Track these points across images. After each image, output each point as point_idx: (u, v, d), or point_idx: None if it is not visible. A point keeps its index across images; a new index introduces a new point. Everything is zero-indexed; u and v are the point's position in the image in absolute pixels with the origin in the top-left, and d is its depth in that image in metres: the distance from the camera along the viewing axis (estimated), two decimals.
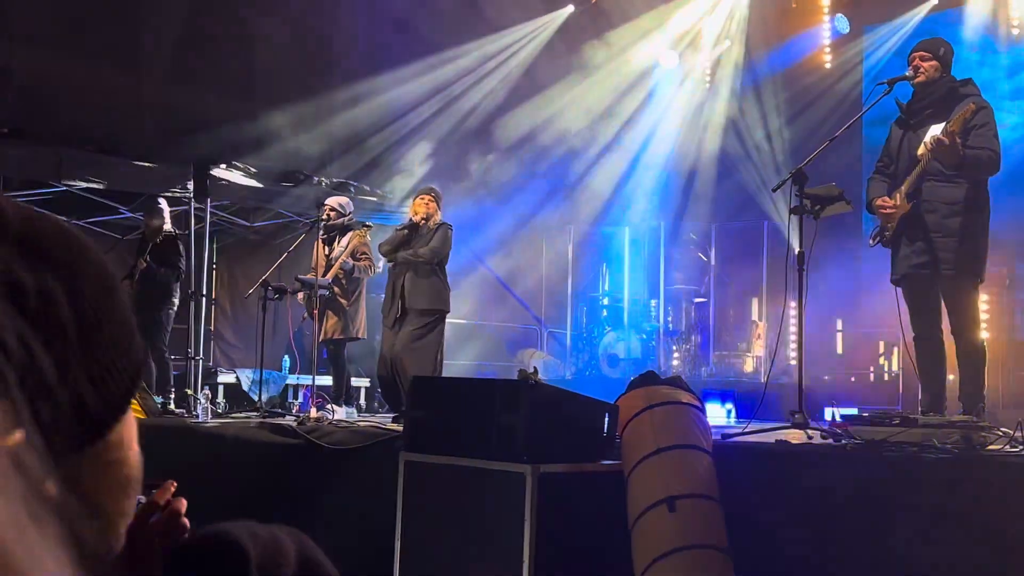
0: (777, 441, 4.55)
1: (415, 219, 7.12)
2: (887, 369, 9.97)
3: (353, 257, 7.73)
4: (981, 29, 9.97)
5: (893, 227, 5.30)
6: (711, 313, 11.36)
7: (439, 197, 7.32)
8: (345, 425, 6.03)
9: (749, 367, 10.92)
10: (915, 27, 10.49)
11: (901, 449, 4.02)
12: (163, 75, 8.97)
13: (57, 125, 8.37)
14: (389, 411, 7.39)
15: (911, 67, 5.35)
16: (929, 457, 3.87)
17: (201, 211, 9.45)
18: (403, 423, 4.95)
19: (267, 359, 8.51)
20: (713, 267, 11.44)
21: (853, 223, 9.38)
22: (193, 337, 8.82)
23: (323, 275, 7.66)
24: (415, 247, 7.01)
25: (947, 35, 6.95)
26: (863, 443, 4.25)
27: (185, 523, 1.19)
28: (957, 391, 5.26)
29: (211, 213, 9.77)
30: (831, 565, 3.97)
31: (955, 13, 10.20)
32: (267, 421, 6.46)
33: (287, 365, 10.09)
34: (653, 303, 11.65)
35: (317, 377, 7.74)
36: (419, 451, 4.49)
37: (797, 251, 5.16)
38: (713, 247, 11.57)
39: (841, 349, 10.58)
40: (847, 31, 11.28)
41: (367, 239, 7.89)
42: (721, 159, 11.76)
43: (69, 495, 0.58)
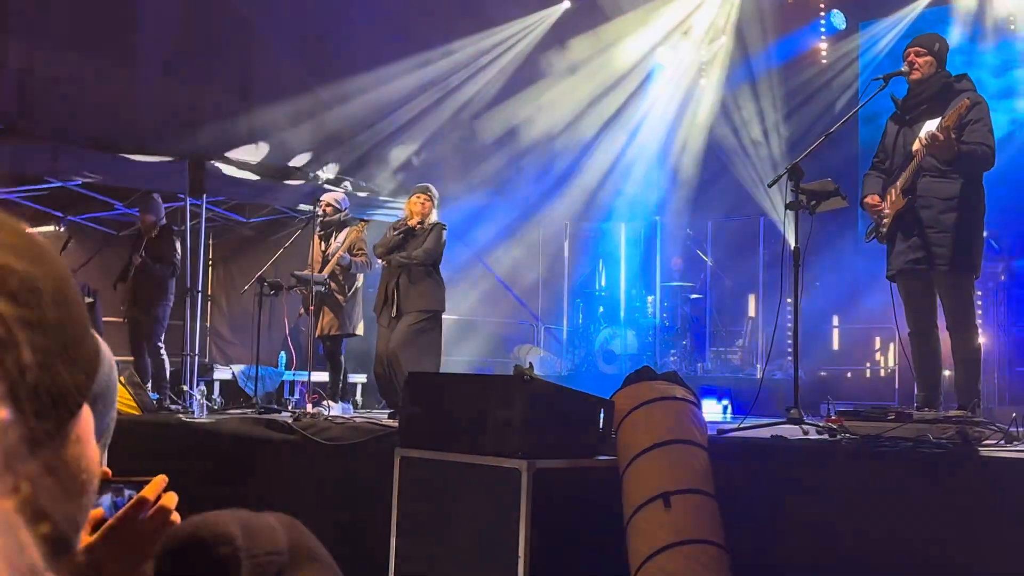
0: (773, 436, 4.55)
1: (410, 222, 7.11)
2: (883, 365, 9.98)
3: (350, 253, 7.72)
4: (978, 25, 9.98)
5: (888, 223, 5.30)
6: (707, 309, 11.36)
7: (435, 196, 7.30)
8: (341, 421, 6.03)
9: (745, 363, 10.93)
10: (911, 23, 10.50)
11: (896, 444, 4.03)
12: (159, 70, 8.95)
13: (52, 120, 8.35)
14: (385, 407, 7.39)
15: (906, 63, 5.35)
16: (924, 452, 3.88)
17: (197, 207, 9.45)
18: (399, 419, 4.95)
19: (263, 355, 8.51)
20: (710, 263, 11.45)
21: (849, 219, 9.39)
22: (189, 333, 8.82)
23: (320, 271, 7.66)
24: (409, 250, 7.00)
25: (942, 31, 6.96)
26: (858, 438, 4.26)
27: (176, 518, 1.19)
28: (952, 387, 5.26)
29: (207, 209, 9.76)
30: (827, 560, 3.97)
31: (954, 9, 10.21)
32: (263, 417, 6.46)
33: (283, 361, 10.09)
34: (650, 299, 11.65)
35: (313, 373, 7.74)
36: (415, 447, 4.49)
37: (793, 247, 5.16)
38: (710, 243, 11.57)
39: (837, 345, 10.59)
40: (843, 27, 11.29)
41: (364, 235, 7.88)
42: (717, 155, 11.77)
43: (48, 479, 0.58)
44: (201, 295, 9.53)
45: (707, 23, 11.79)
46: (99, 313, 9.08)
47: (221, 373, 9.76)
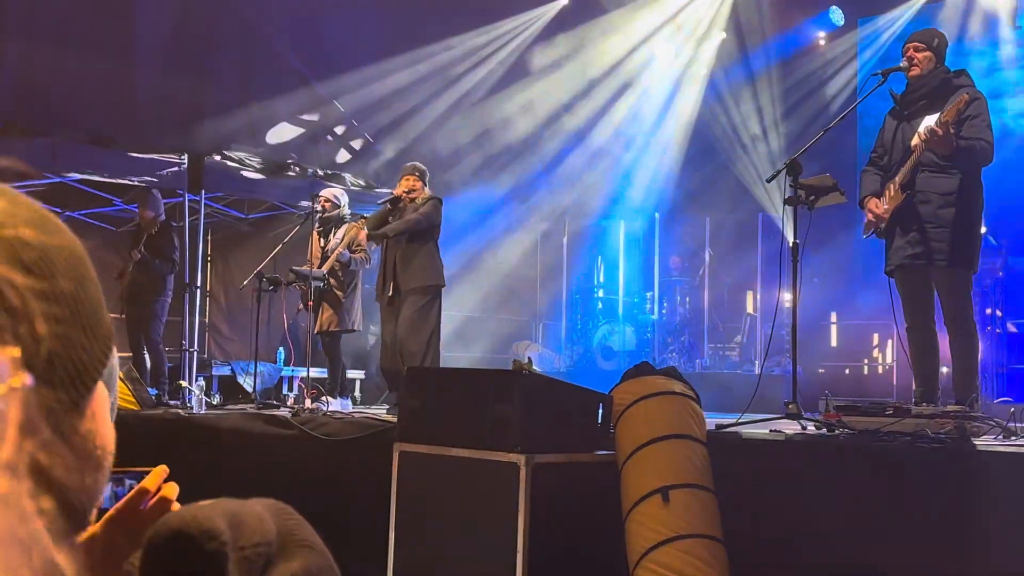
0: (771, 431, 4.56)
1: (396, 192, 7.12)
2: (881, 360, 9.99)
3: (350, 249, 7.72)
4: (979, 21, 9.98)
5: (886, 218, 5.30)
6: (705, 305, 11.37)
7: (424, 174, 7.29)
8: (340, 416, 6.03)
9: (743, 359, 10.93)
10: (910, 19, 10.50)
11: (894, 439, 4.04)
12: (157, 66, 8.94)
13: (51, 116, 8.34)
14: (383, 403, 7.39)
15: (905, 58, 5.34)
16: (922, 447, 3.88)
17: (196, 202, 9.44)
18: (397, 413, 4.96)
19: (262, 351, 8.50)
20: (708, 259, 11.45)
21: (847, 214, 9.39)
22: (188, 329, 8.82)
23: (319, 267, 7.66)
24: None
25: (940, 27, 6.96)
26: (856, 433, 4.27)
27: (176, 508, 1.19)
28: (950, 382, 5.27)
29: (205, 204, 9.76)
30: (825, 555, 3.98)
31: (953, 5, 10.21)
32: (262, 412, 6.46)
33: (282, 357, 10.09)
34: (648, 295, 11.65)
35: (312, 369, 7.74)
36: (413, 441, 4.50)
37: (791, 243, 5.16)
38: (708, 239, 11.57)
39: (835, 341, 10.60)
40: (841, 23, 11.29)
41: (363, 231, 7.88)
42: (716, 151, 11.77)
43: (65, 451, 0.59)
44: (200, 291, 9.53)
45: (705, 18, 11.79)
46: None
47: (220, 369, 9.76)
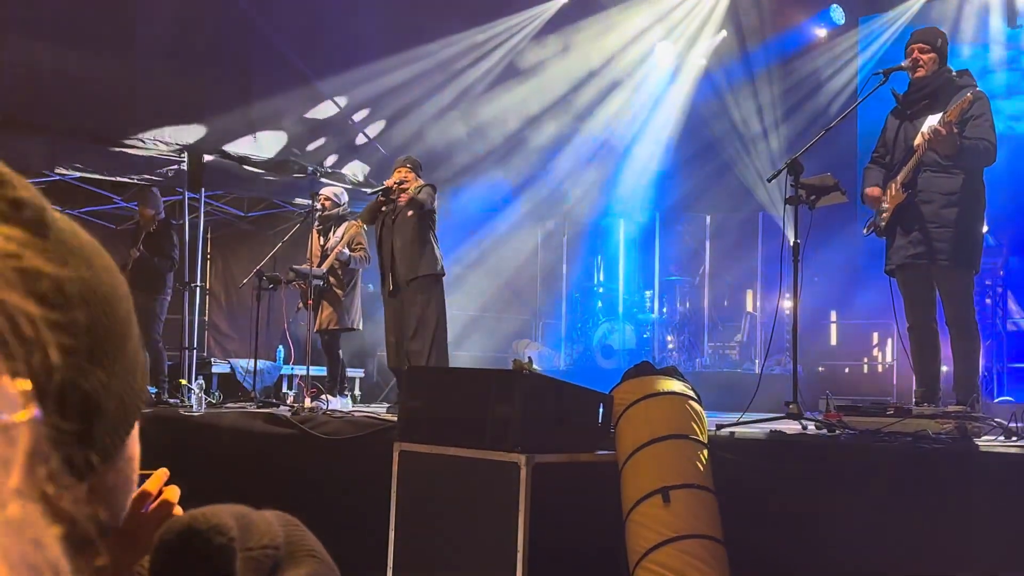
0: (772, 431, 4.56)
1: (387, 183, 7.10)
2: (881, 360, 9.98)
3: (350, 248, 7.71)
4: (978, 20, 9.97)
5: (888, 217, 5.29)
6: (706, 304, 11.36)
7: (417, 166, 7.28)
8: (340, 415, 6.03)
9: (743, 358, 10.93)
10: (911, 18, 10.49)
11: (895, 439, 4.03)
12: (157, 63, 8.92)
13: (51, 113, 8.33)
14: (383, 401, 7.38)
15: (910, 59, 5.32)
16: (923, 447, 3.88)
17: (195, 200, 9.43)
18: (397, 413, 4.95)
19: (261, 349, 8.50)
20: (708, 258, 11.45)
21: (848, 214, 9.39)
22: (187, 327, 8.81)
23: (319, 265, 7.65)
24: (400, 212, 6.96)
25: (941, 25, 6.95)
26: (857, 433, 4.26)
27: (178, 511, 1.18)
28: (951, 381, 5.26)
29: (205, 202, 9.75)
30: (825, 555, 3.97)
31: (952, 3, 10.20)
32: (261, 411, 6.46)
33: (281, 355, 10.08)
34: (648, 294, 11.64)
35: (312, 367, 7.74)
36: (413, 441, 4.49)
37: (792, 242, 5.15)
38: (708, 238, 11.56)
39: (835, 340, 10.59)
40: (842, 22, 11.28)
41: (363, 230, 7.87)
42: (716, 150, 11.75)
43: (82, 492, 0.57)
44: (199, 289, 9.53)
45: (705, 16, 11.77)
46: None
47: (219, 367, 9.75)
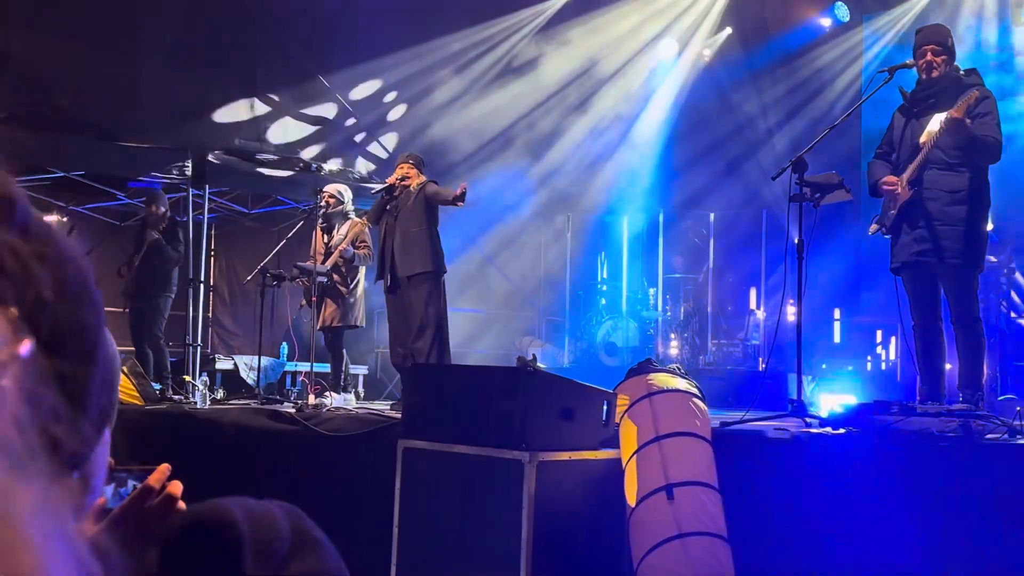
0: (775, 429, 4.55)
1: (389, 180, 7.14)
2: (884, 358, 9.97)
3: (353, 245, 7.71)
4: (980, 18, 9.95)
5: (894, 214, 5.28)
6: (710, 302, 11.35)
7: (420, 162, 7.30)
8: (343, 412, 6.03)
9: (747, 356, 10.91)
10: (915, 16, 10.47)
11: (900, 437, 4.02)
12: (162, 60, 8.93)
13: (55, 110, 8.34)
14: (386, 398, 7.39)
15: (923, 61, 5.29)
16: (928, 445, 3.87)
17: (199, 197, 9.44)
18: (401, 410, 4.95)
19: (265, 346, 8.50)
20: (712, 256, 11.43)
21: (852, 212, 9.38)
22: (191, 324, 8.82)
23: (322, 262, 7.65)
24: (401, 215, 7.00)
25: (945, 22, 6.94)
26: (861, 431, 4.26)
27: (181, 506, 1.19)
28: (956, 380, 5.25)
29: (209, 199, 9.76)
30: (830, 552, 3.97)
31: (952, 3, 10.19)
32: (265, 408, 6.46)
33: (285, 352, 10.08)
34: (652, 291, 11.62)
35: (315, 364, 7.74)
36: (417, 438, 4.49)
37: (796, 240, 5.14)
38: (712, 236, 11.55)
39: (839, 338, 10.58)
40: (847, 19, 11.26)
41: (367, 227, 7.87)
42: (720, 148, 11.74)
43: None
44: (203, 286, 9.53)
45: (712, 16, 11.76)
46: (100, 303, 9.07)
47: (223, 364, 9.76)
